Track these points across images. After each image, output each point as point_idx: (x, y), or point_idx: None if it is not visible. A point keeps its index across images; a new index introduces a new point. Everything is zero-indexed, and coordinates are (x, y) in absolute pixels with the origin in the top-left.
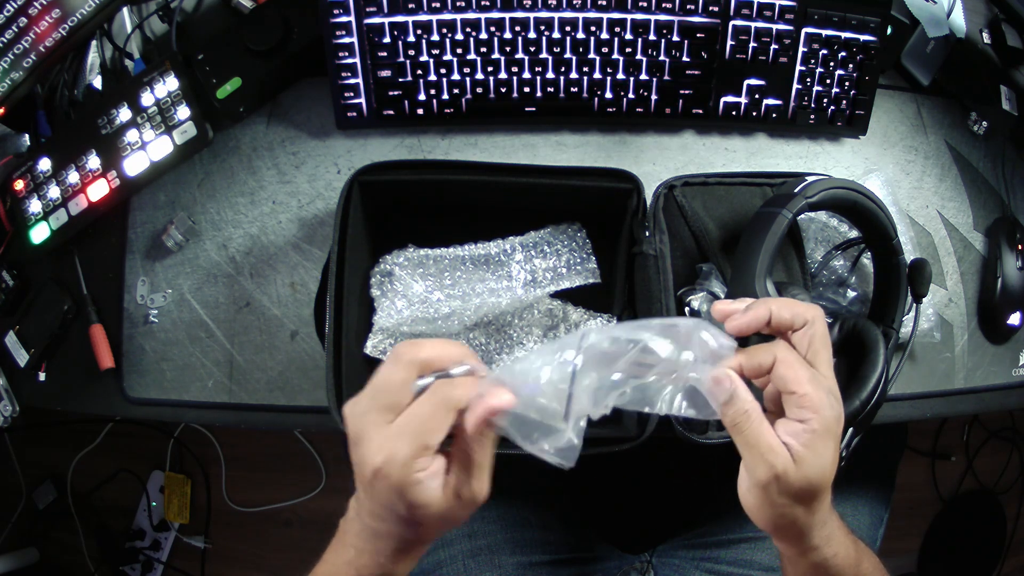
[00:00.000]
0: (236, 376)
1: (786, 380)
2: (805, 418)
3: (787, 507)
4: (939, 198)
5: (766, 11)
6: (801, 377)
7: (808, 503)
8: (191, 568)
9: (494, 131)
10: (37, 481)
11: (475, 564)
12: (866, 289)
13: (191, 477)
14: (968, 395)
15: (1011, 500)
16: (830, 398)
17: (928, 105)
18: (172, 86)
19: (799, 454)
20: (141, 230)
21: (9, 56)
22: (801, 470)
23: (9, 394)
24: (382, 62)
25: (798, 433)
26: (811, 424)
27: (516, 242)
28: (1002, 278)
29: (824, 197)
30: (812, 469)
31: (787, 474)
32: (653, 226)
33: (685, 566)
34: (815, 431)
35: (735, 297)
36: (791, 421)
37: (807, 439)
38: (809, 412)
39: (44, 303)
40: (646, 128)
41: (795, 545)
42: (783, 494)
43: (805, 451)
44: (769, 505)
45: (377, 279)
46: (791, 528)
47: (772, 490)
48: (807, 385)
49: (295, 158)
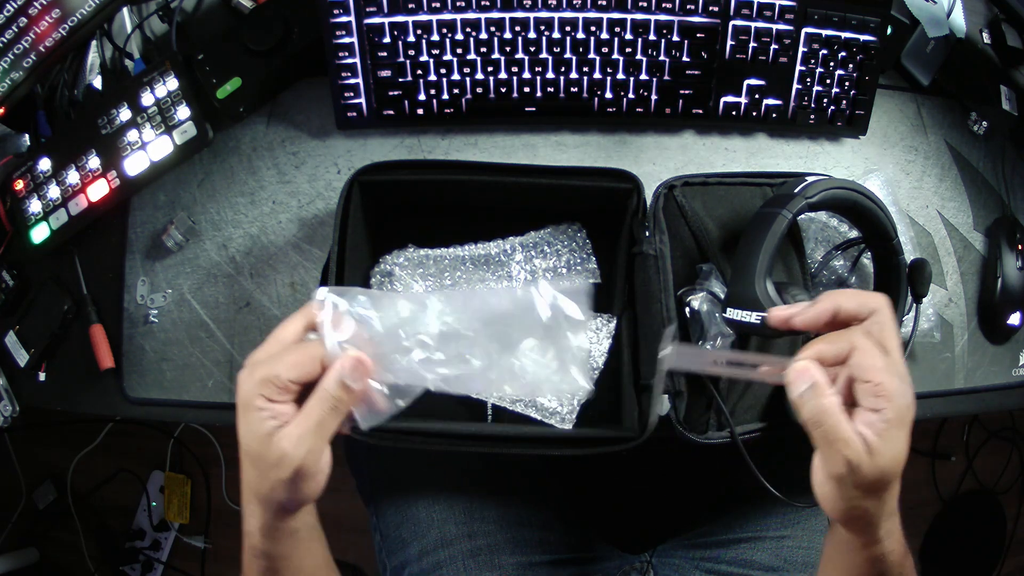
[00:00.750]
0: (236, 376)
1: (863, 368)
2: (880, 407)
3: (860, 498)
4: (939, 198)
5: (766, 11)
6: (877, 365)
7: (880, 494)
8: (191, 568)
9: (494, 131)
10: (37, 481)
11: (475, 564)
12: (866, 289)
13: (191, 477)
14: (968, 395)
15: (1011, 500)
16: (904, 386)
17: (928, 105)
18: (172, 86)
19: (873, 444)
20: (141, 230)
21: (9, 56)
22: (875, 461)
23: (9, 394)
24: (382, 62)
25: (873, 423)
26: (886, 413)
27: (516, 242)
28: (1002, 278)
29: (824, 197)
30: (886, 459)
31: (861, 466)
32: (653, 226)
33: (685, 566)
34: (889, 420)
35: (735, 297)
36: (865, 411)
37: (882, 428)
38: (884, 401)
39: (44, 303)
40: (646, 128)
41: (862, 535)
42: (858, 486)
43: (879, 441)
44: (843, 497)
45: (377, 279)
46: (862, 518)
47: (847, 482)
48: (883, 373)
49: (295, 158)
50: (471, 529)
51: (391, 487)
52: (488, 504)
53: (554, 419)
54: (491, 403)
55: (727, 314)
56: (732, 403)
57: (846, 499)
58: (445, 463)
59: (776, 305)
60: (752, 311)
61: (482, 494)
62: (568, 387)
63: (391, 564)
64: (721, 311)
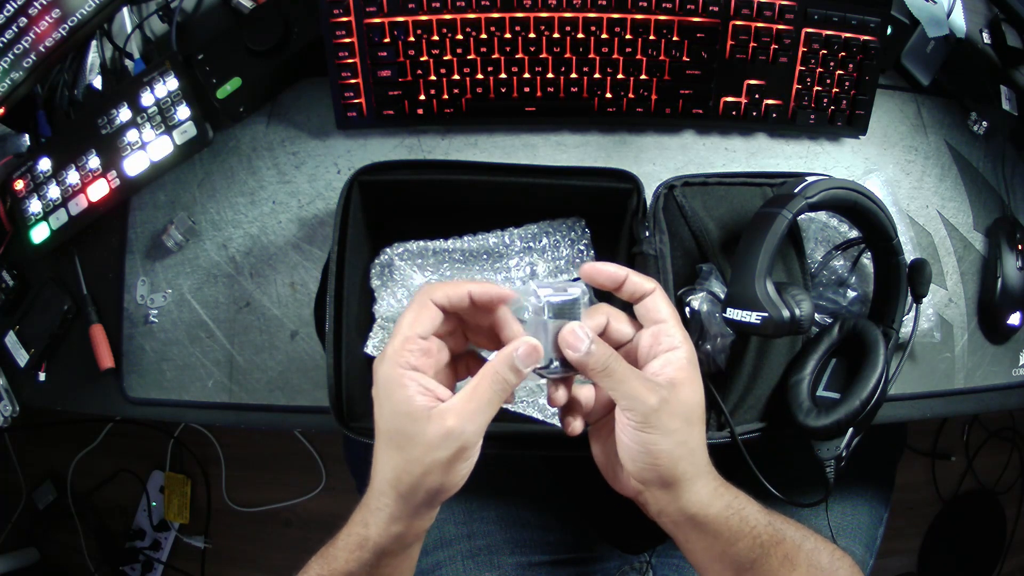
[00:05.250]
0: (236, 376)
1: (659, 309)
2: (676, 345)
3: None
4: (939, 198)
5: (766, 11)
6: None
7: (697, 427)
8: (191, 568)
9: (494, 131)
10: (37, 481)
11: (474, 564)
12: (866, 289)
13: (191, 477)
14: (968, 395)
15: (1011, 500)
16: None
17: (928, 105)
18: (172, 86)
19: (679, 378)
20: (141, 230)
21: (9, 56)
22: (682, 392)
23: (9, 394)
24: (382, 62)
25: (673, 360)
26: (681, 351)
27: (516, 234)
28: (1002, 278)
29: (824, 197)
30: (690, 391)
31: (670, 398)
32: (653, 226)
33: (685, 566)
34: (686, 357)
35: (735, 297)
36: (664, 353)
37: (683, 363)
38: (679, 340)
39: (44, 303)
40: (646, 128)
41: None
42: (674, 417)
43: (684, 374)
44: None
45: (377, 270)
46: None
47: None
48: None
49: (295, 158)
50: (471, 529)
51: None
52: (488, 504)
53: (555, 419)
54: None
55: (727, 314)
56: (732, 403)
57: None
58: None
59: (776, 305)
60: (752, 311)
61: (482, 494)
62: None
63: None
64: (721, 311)
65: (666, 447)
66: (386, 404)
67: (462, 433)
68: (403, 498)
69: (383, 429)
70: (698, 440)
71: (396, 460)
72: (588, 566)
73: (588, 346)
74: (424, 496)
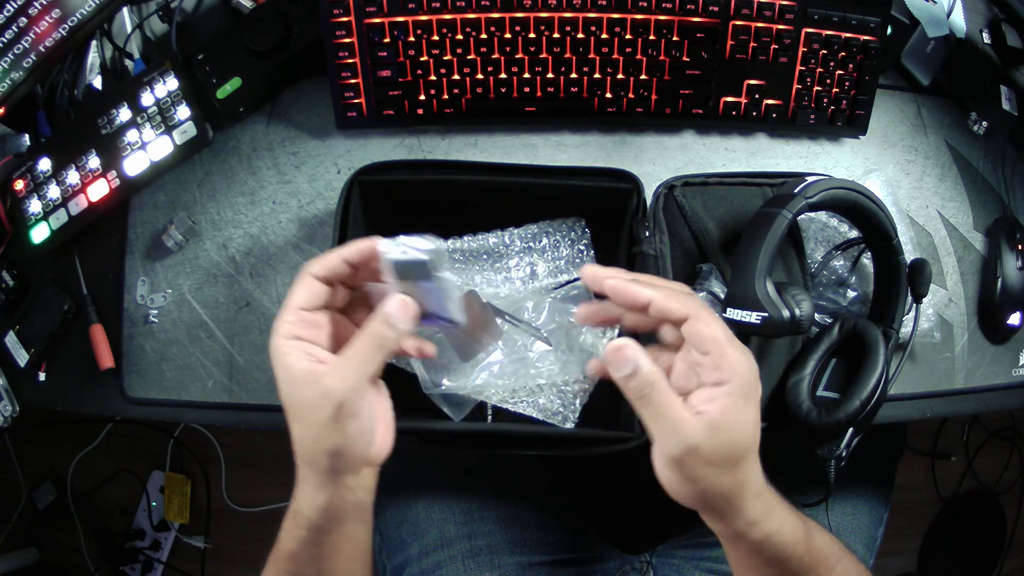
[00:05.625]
0: (236, 376)
1: (703, 338)
2: (723, 380)
3: (710, 478)
4: (939, 198)
5: (766, 11)
6: (718, 336)
7: (733, 471)
8: (191, 568)
9: (494, 131)
10: (37, 481)
11: (475, 564)
12: (866, 289)
13: (191, 477)
14: (968, 395)
15: (1011, 500)
16: (748, 358)
17: (928, 105)
18: (172, 86)
19: (717, 421)
20: (141, 230)
21: (9, 56)
22: (720, 436)
23: (9, 394)
24: (382, 62)
25: (716, 397)
26: (730, 387)
27: (516, 234)
28: (1002, 278)
29: (824, 197)
30: (733, 433)
31: (703, 444)
32: (653, 226)
33: (685, 566)
34: (733, 394)
35: (735, 297)
36: (707, 387)
37: (727, 403)
38: (727, 373)
39: (44, 303)
40: (646, 128)
41: (730, 520)
42: (704, 465)
43: (724, 416)
44: (690, 480)
45: None
46: (721, 500)
47: (690, 463)
48: (724, 345)
49: (295, 158)
50: (471, 529)
51: (391, 487)
52: (488, 504)
53: (556, 419)
54: (491, 403)
55: (727, 314)
56: None
57: (694, 480)
58: (445, 463)
59: (776, 305)
60: (752, 311)
61: (482, 494)
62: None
63: (391, 564)
64: (721, 311)
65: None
66: (277, 376)
67: (338, 390)
68: (310, 465)
69: (283, 403)
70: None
71: (294, 429)
72: (588, 566)
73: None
74: (327, 460)
